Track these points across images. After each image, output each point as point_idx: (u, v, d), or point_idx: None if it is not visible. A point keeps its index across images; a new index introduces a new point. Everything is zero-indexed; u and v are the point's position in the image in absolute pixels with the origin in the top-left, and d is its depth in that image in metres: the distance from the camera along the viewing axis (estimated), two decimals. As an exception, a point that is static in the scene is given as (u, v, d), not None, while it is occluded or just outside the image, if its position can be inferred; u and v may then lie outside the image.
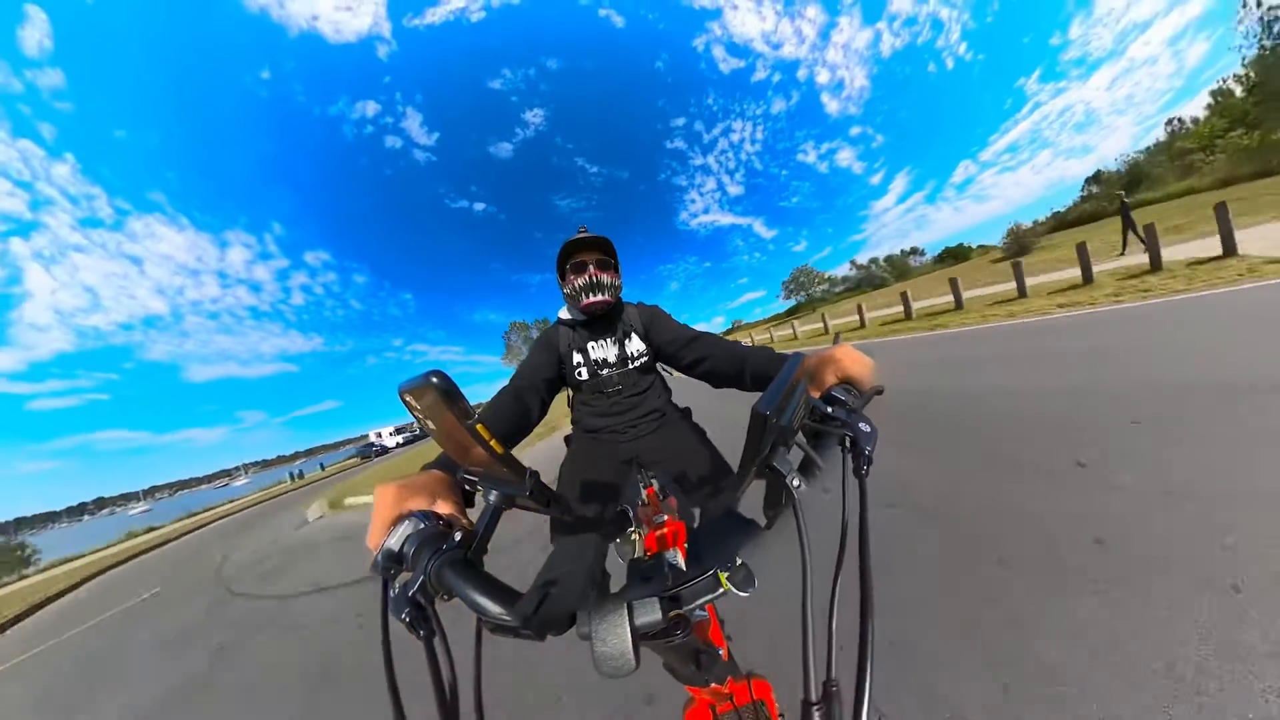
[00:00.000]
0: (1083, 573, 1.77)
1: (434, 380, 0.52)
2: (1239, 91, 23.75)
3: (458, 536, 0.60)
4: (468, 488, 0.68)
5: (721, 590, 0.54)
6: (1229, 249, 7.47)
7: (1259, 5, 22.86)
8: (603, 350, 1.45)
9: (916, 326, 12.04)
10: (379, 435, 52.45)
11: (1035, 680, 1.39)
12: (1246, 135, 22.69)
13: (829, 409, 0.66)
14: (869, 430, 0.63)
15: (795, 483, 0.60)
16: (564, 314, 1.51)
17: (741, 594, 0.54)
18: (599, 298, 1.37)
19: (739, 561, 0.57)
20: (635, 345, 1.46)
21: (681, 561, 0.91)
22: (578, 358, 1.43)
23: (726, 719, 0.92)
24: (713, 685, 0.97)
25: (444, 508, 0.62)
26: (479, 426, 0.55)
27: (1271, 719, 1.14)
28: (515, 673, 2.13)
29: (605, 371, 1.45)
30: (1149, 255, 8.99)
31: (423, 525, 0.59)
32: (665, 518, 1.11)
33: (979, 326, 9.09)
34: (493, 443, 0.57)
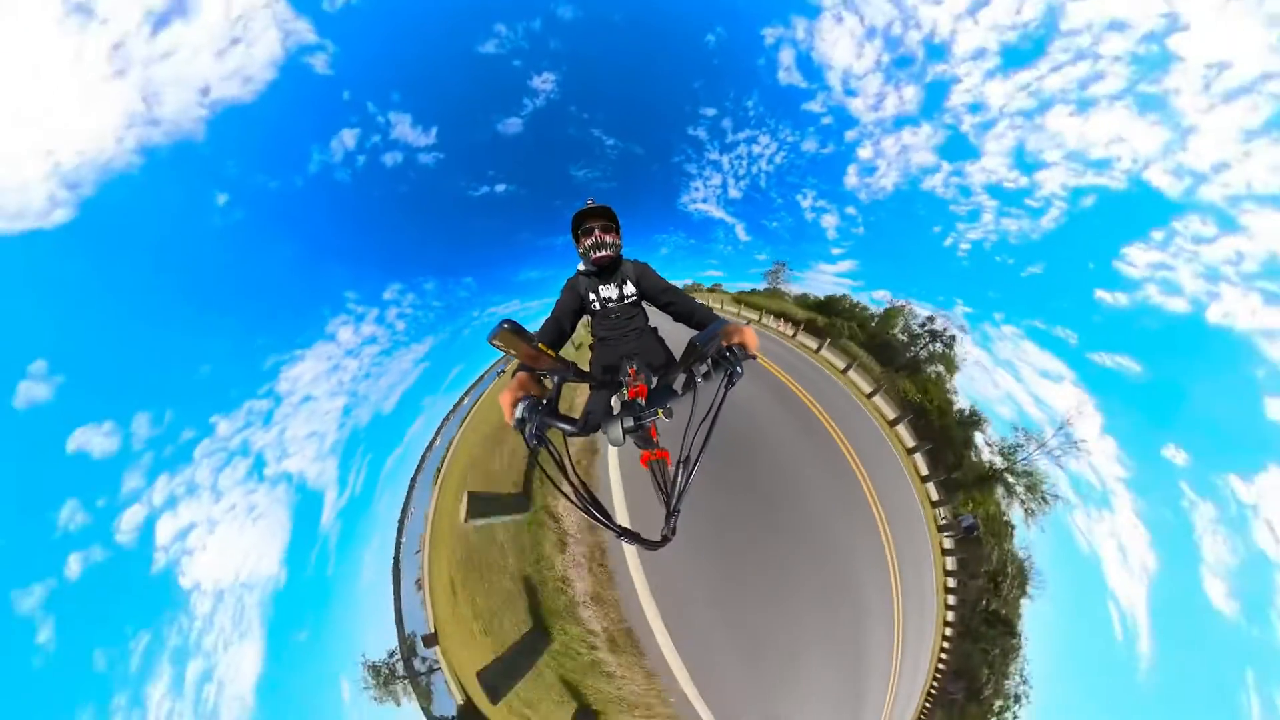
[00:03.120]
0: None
1: (506, 326, 1.12)
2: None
3: (545, 402, 1.28)
4: (541, 377, 1.32)
5: (659, 417, 1.30)
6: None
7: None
8: (608, 291, 2.12)
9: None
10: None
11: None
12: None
13: (727, 354, 1.30)
14: (740, 373, 1.28)
15: (699, 380, 1.32)
16: (582, 266, 2.14)
17: (667, 420, 1.31)
18: (603, 254, 1.99)
19: (669, 406, 1.32)
20: (629, 289, 2.12)
21: (643, 403, 1.75)
22: (592, 295, 2.11)
23: (653, 464, 1.80)
24: (650, 451, 1.91)
25: (534, 391, 1.26)
26: (539, 345, 1.19)
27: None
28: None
29: (610, 304, 2.14)
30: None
31: (528, 401, 1.23)
32: (639, 384, 1.92)
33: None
34: (549, 352, 1.23)
